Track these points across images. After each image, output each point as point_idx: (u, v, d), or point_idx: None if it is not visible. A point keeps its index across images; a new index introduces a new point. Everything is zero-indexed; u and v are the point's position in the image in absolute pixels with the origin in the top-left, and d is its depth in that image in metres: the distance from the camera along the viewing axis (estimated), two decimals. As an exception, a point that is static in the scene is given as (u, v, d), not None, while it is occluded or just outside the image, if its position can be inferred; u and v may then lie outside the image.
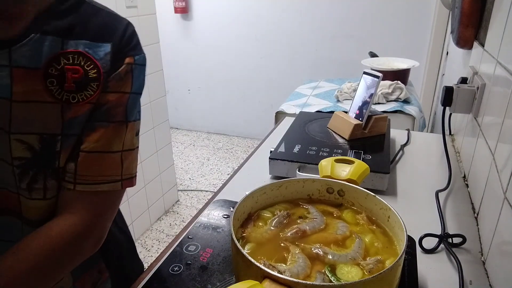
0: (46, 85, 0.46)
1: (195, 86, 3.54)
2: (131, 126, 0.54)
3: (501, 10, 0.75)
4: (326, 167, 0.63)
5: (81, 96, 0.48)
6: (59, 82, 0.47)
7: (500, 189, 0.58)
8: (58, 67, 0.47)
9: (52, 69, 0.46)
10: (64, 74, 0.47)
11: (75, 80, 0.47)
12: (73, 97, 0.48)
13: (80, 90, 0.48)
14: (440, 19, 2.37)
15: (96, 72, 0.49)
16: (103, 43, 0.50)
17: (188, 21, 3.26)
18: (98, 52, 0.49)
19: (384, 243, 0.51)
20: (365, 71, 1.00)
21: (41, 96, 0.46)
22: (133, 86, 0.53)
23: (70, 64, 0.47)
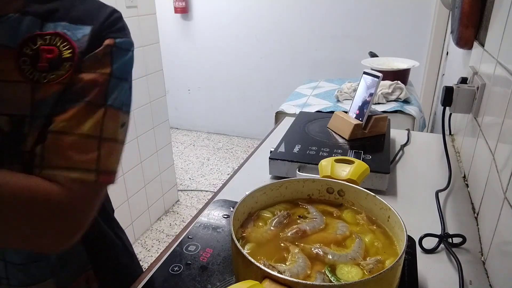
0: (18, 64, 0.45)
1: (195, 86, 3.54)
2: (112, 113, 0.49)
3: (501, 10, 0.75)
4: (326, 167, 0.63)
5: (52, 76, 0.46)
6: (33, 62, 0.46)
7: (500, 189, 0.58)
8: (34, 47, 0.46)
9: (27, 49, 0.46)
10: (38, 54, 0.46)
11: (49, 60, 0.46)
12: (44, 76, 0.46)
13: (52, 70, 0.46)
14: (440, 19, 2.37)
15: (71, 52, 0.48)
16: (83, 26, 0.49)
17: (188, 21, 3.26)
18: (76, 34, 0.48)
19: (384, 243, 0.51)
20: (365, 71, 1.00)
21: (12, 76, 0.45)
22: (113, 69, 0.50)
23: (46, 45, 0.47)
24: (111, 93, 0.50)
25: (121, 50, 0.52)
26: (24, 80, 0.45)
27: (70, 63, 0.47)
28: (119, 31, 0.52)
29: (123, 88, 0.52)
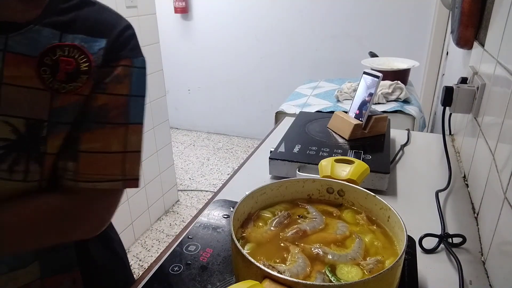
0: (39, 72, 0.48)
1: (195, 86, 3.54)
2: (134, 128, 0.55)
3: (501, 10, 0.75)
4: (326, 167, 0.63)
5: (70, 87, 0.50)
6: (52, 71, 0.49)
7: (500, 189, 0.58)
8: (54, 57, 0.49)
9: (48, 59, 0.48)
10: (58, 64, 0.49)
11: (67, 71, 0.49)
12: (63, 87, 0.50)
13: (70, 81, 0.50)
14: (440, 19, 2.37)
15: (88, 65, 0.51)
16: (99, 38, 0.52)
17: (188, 21, 3.26)
18: (93, 47, 0.51)
19: (384, 243, 0.51)
20: (365, 71, 1.00)
21: (32, 82, 0.48)
22: (132, 89, 0.54)
23: (65, 56, 0.49)
24: (132, 111, 0.55)
25: (138, 69, 0.56)
26: (44, 88, 0.49)
27: (87, 76, 0.51)
28: (134, 49, 0.56)
29: (142, 103, 0.57)
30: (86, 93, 0.52)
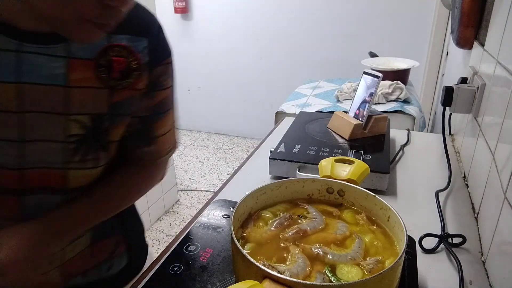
0: (97, 73, 0.53)
1: (195, 86, 3.54)
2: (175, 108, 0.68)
3: (501, 10, 0.75)
4: (326, 167, 0.63)
5: (125, 83, 0.56)
6: (108, 71, 0.54)
7: (500, 189, 0.58)
8: (107, 58, 0.54)
9: (102, 60, 0.53)
10: (111, 64, 0.54)
11: (120, 70, 0.55)
12: (118, 84, 0.55)
13: (123, 78, 0.56)
14: (440, 19, 2.37)
15: (136, 63, 0.57)
16: (141, 38, 0.57)
17: (188, 21, 3.26)
18: (138, 46, 0.57)
19: (384, 243, 0.51)
20: (365, 71, 1.00)
21: (93, 83, 0.53)
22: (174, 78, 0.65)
23: (116, 56, 0.55)
24: (175, 96, 0.66)
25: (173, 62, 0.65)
26: (103, 87, 0.54)
27: (138, 73, 0.57)
28: (168, 45, 0.62)
29: None
30: (139, 87, 0.58)
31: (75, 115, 0.53)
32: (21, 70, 0.48)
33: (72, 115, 0.52)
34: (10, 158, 0.51)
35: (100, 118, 0.55)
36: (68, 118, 0.52)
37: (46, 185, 0.55)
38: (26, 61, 0.48)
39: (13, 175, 0.52)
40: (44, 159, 0.53)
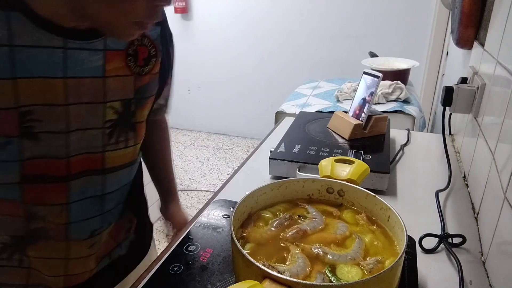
0: (127, 62, 0.57)
1: (195, 86, 3.54)
2: None
3: (501, 10, 0.75)
4: (326, 167, 0.63)
5: (147, 69, 0.61)
6: (134, 59, 0.59)
7: (500, 189, 0.58)
8: (133, 47, 0.58)
9: (130, 50, 0.58)
10: (137, 53, 0.59)
11: (144, 58, 0.60)
12: (142, 70, 0.60)
13: (146, 65, 0.61)
14: (440, 19, 2.37)
15: (155, 50, 0.62)
16: (157, 26, 0.62)
17: (188, 21, 3.26)
18: (153, 34, 0.62)
19: (384, 243, 0.51)
20: (365, 71, 1.00)
21: (123, 71, 0.57)
22: None
23: (139, 45, 0.59)
24: None
25: None
26: (131, 74, 0.59)
27: (155, 59, 0.62)
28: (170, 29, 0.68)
29: None
30: (155, 71, 0.63)
31: (110, 102, 0.57)
32: (67, 66, 0.50)
33: (108, 103, 0.57)
34: (59, 148, 0.54)
35: (129, 103, 0.60)
36: (105, 106, 0.57)
37: (88, 169, 0.59)
38: (71, 57, 0.50)
39: (61, 164, 0.55)
40: (86, 146, 0.57)
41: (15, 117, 0.49)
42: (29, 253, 0.60)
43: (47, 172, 0.55)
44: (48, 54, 0.48)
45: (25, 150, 0.51)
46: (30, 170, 0.53)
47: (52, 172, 0.55)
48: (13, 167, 0.51)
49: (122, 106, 0.59)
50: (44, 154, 0.53)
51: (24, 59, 0.47)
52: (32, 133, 0.51)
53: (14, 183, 0.53)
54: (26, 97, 0.48)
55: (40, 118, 0.51)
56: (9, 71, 0.46)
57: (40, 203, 0.56)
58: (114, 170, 0.63)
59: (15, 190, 0.53)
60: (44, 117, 0.51)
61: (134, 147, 0.65)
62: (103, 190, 0.62)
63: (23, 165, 0.52)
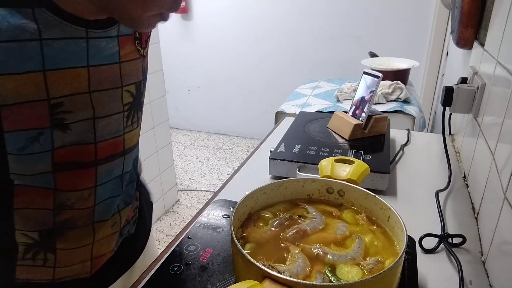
0: (135, 45, 0.60)
1: (195, 86, 3.54)
2: None
3: (501, 10, 0.75)
4: (326, 167, 0.63)
5: (146, 50, 0.64)
6: (140, 41, 0.61)
7: (500, 189, 0.58)
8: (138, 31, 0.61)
9: (136, 33, 0.60)
10: (141, 35, 0.61)
11: (145, 39, 0.63)
12: (144, 52, 0.63)
13: (146, 46, 0.64)
14: (440, 19, 2.37)
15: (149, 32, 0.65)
16: None
17: (188, 21, 3.26)
18: None
19: (384, 243, 0.51)
20: (365, 71, 1.00)
21: (134, 55, 0.60)
22: None
23: None
24: None
25: None
26: (139, 57, 0.61)
27: (149, 38, 0.65)
28: None
29: None
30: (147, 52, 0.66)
31: (126, 86, 0.60)
32: (89, 55, 0.52)
33: (125, 86, 0.59)
34: (88, 135, 0.56)
35: (140, 84, 0.63)
36: (122, 90, 0.59)
37: (114, 153, 0.62)
38: (92, 46, 0.52)
39: (90, 149, 0.57)
40: (110, 131, 0.59)
41: (46, 109, 0.50)
42: (58, 245, 0.61)
43: (77, 159, 0.57)
44: (73, 45, 0.50)
45: (56, 140, 0.53)
46: (61, 158, 0.55)
47: (82, 158, 0.57)
48: (45, 157, 0.53)
49: (135, 88, 0.62)
50: (74, 141, 0.55)
51: (52, 51, 0.48)
52: (63, 124, 0.53)
53: (47, 172, 0.55)
54: (56, 89, 0.50)
55: (70, 109, 0.53)
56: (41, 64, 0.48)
57: (71, 189, 0.58)
58: (130, 150, 0.66)
59: (48, 178, 0.55)
60: (73, 108, 0.53)
61: (139, 126, 0.68)
62: (122, 170, 0.65)
63: (53, 154, 0.54)
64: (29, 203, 0.56)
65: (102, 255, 0.67)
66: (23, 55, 0.46)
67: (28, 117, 0.49)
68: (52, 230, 0.60)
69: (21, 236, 0.58)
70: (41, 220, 0.58)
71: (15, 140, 0.50)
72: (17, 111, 0.48)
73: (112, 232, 0.67)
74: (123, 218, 0.69)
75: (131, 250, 0.77)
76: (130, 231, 0.74)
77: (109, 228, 0.66)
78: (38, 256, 0.60)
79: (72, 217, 0.60)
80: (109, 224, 0.66)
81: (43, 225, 0.59)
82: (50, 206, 0.57)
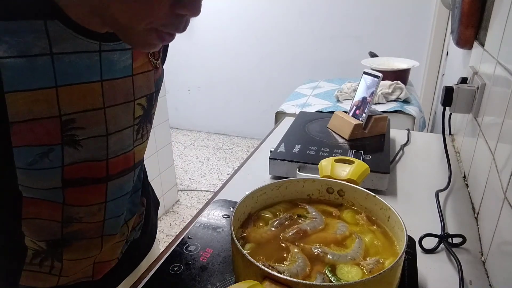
0: (148, 58, 0.59)
1: (195, 86, 3.54)
2: None
3: (501, 10, 0.75)
4: (326, 167, 0.63)
5: (159, 61, 0.62)
6: (153, 53, 0.60)
7: (500, 189, 0.58)
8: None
9: None
10: None
11: (158, 50, 0.61)
12: (157, 63, 0.62)
13: (159, 57, 0.62)
14: (440, 19, 2.37)
15: None
16: None
17: (188, 21, 3.26)
18: None
19: (384, 243, 0.51)
20: (365, 71, 1.00)
21: (147, 67, 0.59)
22: None
23: None
24: None
25: None
26: (152, 69, 0.60)
27: (159, 51, 0.63)
28: None
29: None
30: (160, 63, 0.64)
31: (138, 99, 0.58)
32: (102, 69, 0.51)
33: (137, 100, 0.58)
34: (100, 151, 0.55)
35: (151, 97, 0.62)
36: (134, 104, 0.58)
37: (125, 168, 0.61)
38: (105, 59, 0.51)
39: (102, 166, 0.56)
40: (122, 146, 0.58)
41: (57, 125, 0.48)
42: (64, 256, 0.60)
43: (88, 175, 0.55)
44: (86, 59, 0.49)
45: (66, 157, 0.51)
46: (71, 174, 0.53)
47: (93, 175, 0.56)
48: (55, 173, 0.52)
49: (146, 101, 0.61)
50: (85, 158, 0.53)
51: (64, 66, 0.47)
52: (74, 141, 0.51)
53: (56, 188, 0.53)
54: (68, 105, 0.48)
55: (82, 126, 0.51)
56: (52, 80, 0.46)
57: (80, 204, 0.57)
58: (139, 163, 0.65)
59: (57, 193, 0.54)
60: (85, 124, 0.51)
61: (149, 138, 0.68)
62: (133, 184, 0.65)
63: (64, 170, 0.52)
64: (38, 214, 0.55)
65: (106, 261, 0.67)
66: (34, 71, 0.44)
67: (39, 133, 0.48)
68: (60, 241, 0.59)
69: (30, 242, 0.57)
70: (49, 231, 0.57)
71: (24, 156, 0.48)
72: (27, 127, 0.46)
73: (118, 241, 0.67)
74: (129, 227, 0.69)
75: (136, 254, 0.76)
76: (135, 236, 0.74)
77: (116, 240, 0.66)
78: (45, 263, 0.60)
79: (81, 229, 0.59)
80: (118, 237, 0.66)
81: (51, 236, 0.58)
82: (58, 218, 0.56)
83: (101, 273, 0.67)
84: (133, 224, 0.72)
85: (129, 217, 0.68)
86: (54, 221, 0.56)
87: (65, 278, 0.62)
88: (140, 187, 0.72)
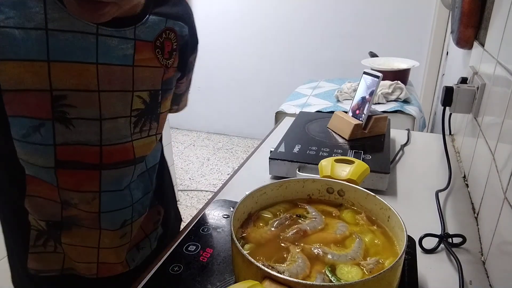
0: (155, 53, 0.60)
1: (195, 86, 3.52)
2: None
3: (501, 10, 0.75)
4: (326, 167, 0.63)
5: (170, 62, 0.63)
6: (162, 51, 0.61)
7: (500, 189, 0.58)
8: (161, 40, 0.60)
9: (158, 42, 0.60)
10: (163, 45, 0.61)
11: (168, 51, 0.63)
12: (168, 63, 0.63)
13: (170, 58, 0.63)
14: (440, 19, 2.37)
15: (176, 45, 0.64)
16: (184, 25, 0.66)
17: (188, 21, 3.26)
18: (182, 31, 0.65)
19: (384, 243, 0.51)
20: (365, 71, 1.00)
21: (153, 62, 0.60)
22: None
23: (166, 39, 0.62)
24: None
25: None
26: (160, 66, 0.61)
27: (175, 53, 0.65)
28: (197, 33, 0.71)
29: None
30: (175, 65, 0.65)
31: (138, 92, 0.59)
32: (98, 52, 0.52)
33: (136, 92, 0.59)
34: (93, 135, 0.56)
35: (157, 94, 0.63)
36: (133, 95, 0.58)
37: (123, 160, 0.61)
38: (102, 43, 0.52)
39: (95, 151, 0.57)
40: (117, 135, 0.59)
41: (47, 100, 0.50)
42: (63, 239, 0.62)
43: (81, 159, 0.57)
44: (82, 39, 0.50)
45: (58, 135, 0.53)
46: (64, 155, 0.55)
47: (86, 159, 0.57)
48: (48, 151, 0.53)
49: (150, 96, 0.61)
50: (78, 140, 0.55)
51: (59, 43, 0.48)
52: (65, 119, 0.53)
53: (49, 168, 0.55)
54: (60, 81, 0.50)
55: (74, 104, 0.52)
56: (45, 54, 0.48)
57: (73, 189, 0.58)
58: (142, 159, 0.65)
59: (51, 174, 0.56)
60: (77, 103, 0.52)
61: (154, 137, 0.67)
62: (132, 180, 0.65)
63: (56, 149, 0.54)
64: (39, 193, 0.57)
65: (111, 263, 0.67)
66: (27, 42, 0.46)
67: (30, 105, 0.50)
68: (59, 223, 0.60)
69: (32, 220, 0.59)
70: (50, 211, 0.59)
71: (18, 126, 0.50)
72: (19, 97, 0.49)
73: (121, 243, 0.66)
74: (134, 229, 0.68)
75: None
76: (152, 246, 0.74)
77: (117, 238, 0.66)
78: (49, 243, 0.62)
79: (78, 215, 0.60)
80: (118, 235, 0.65)
81: (51, 216, 0.60)
82: (57, 199, 0.58)
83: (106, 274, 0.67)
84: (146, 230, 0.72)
85: (136, 217, 0.67)
86: (53, 201, 0.58)
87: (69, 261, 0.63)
88: (151, 190, 0.71)
